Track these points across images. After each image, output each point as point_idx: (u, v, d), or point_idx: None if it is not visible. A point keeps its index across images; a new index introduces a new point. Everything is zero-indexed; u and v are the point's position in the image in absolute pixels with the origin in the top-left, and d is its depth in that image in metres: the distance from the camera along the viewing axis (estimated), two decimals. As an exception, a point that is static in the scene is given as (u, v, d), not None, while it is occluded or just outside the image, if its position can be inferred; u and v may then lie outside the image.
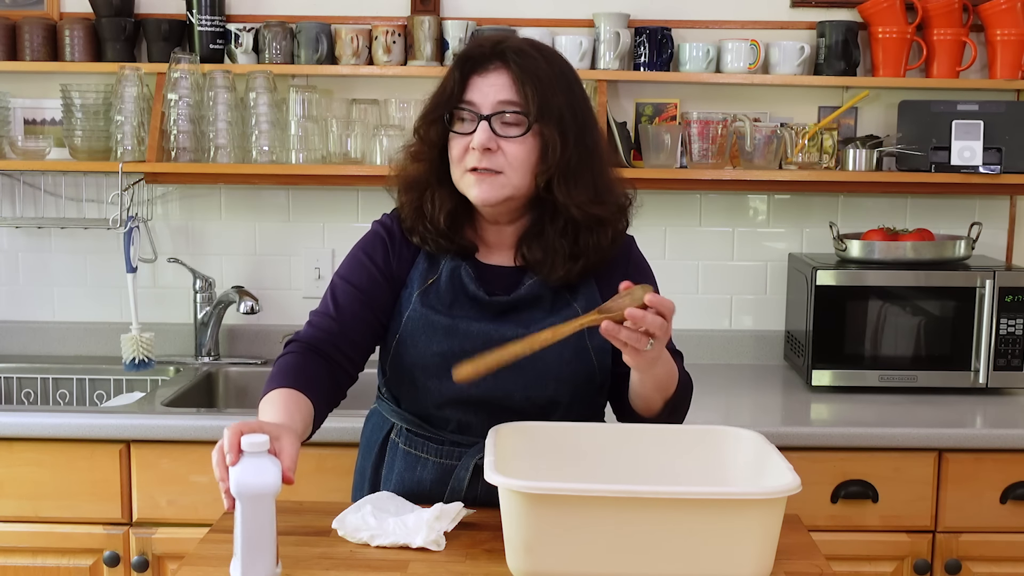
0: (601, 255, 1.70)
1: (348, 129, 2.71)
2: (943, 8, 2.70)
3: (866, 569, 2.29)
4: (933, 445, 2.27)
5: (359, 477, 1.84)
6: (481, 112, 1.64)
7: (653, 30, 2.71)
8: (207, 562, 1.49)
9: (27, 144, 2.77)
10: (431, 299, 1.71)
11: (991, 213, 2.87)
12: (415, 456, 1.74)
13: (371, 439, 1.82)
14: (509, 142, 1.63)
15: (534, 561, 1.39)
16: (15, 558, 2.30)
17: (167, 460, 2.28)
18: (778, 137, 2.68)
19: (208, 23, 2.71)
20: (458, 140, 1.66)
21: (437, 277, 1.72)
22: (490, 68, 1.65)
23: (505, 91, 1.64)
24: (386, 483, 1.76)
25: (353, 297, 1.72)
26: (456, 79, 1.66)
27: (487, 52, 1.66)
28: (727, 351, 2.90)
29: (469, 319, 1.69)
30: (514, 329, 1.66)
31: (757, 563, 1.39)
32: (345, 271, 1.76)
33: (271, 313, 2.86)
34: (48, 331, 2.90)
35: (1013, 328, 2.53)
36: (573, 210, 1.66)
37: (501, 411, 1.65)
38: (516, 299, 1.70)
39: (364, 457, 1.84)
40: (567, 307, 1.71)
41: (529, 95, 1.62)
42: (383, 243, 1.77)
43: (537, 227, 1.70)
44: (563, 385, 1.69)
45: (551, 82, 1.65)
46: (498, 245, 1.75)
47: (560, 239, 1.68)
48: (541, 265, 1.69)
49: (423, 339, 1.69)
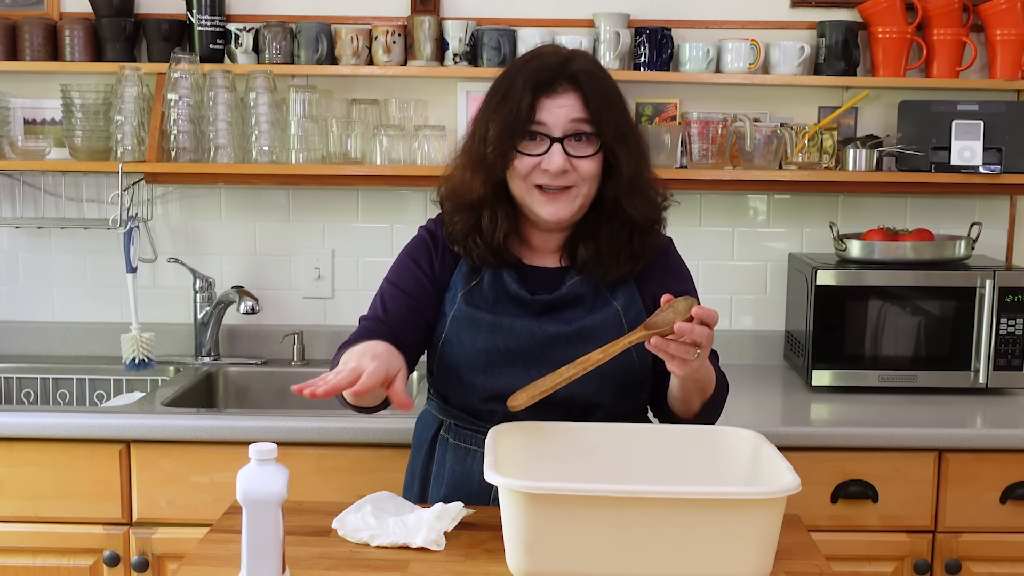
0: (653, 253, 1.77)
1: (348, 129, 2.71)
2: (943, 8, 2.70)
3: (866, 569, 2.30)
4: (933, 445, 2.27)
5: (409, 475, 1.89)
6: (552, 134, 1.66)
7: (653, 30, 2.71)
8: (207, 562, 1.49)
9: (27, 144, 2.77)
10: (475, 299, 1.75)
11: (991, 213, 2.87)
12: (465, 449, 1.77)
13: (421, 438, 1.86)
14: (581, 161, 1.67)
15: (534, 561, 1.39)
16: (15, 558, 2.31)
17: (167, 460, 2.28)
18: (778, 137, 2.68)
19: (208, 23, 2.71)
20: (526, 160, 1.67)
21: (480, 279, 1.76)
22: (559, 90, 1.67)
23: (576, 112, 1.66)
24: (437, 478, 1.80)
25: (401, 301, 1.77)
26: (527, 102, 1.66)
27: (558, 75, 1.67)
28: (727, 351, 2.89)
29: (513, 316, 1.73)
30: (556, 326, 1.71)
31: (757, 563, 1.39)
32: (393, 276, 1.81)
33: (271, 313, 2.86)
34: (48, 331, 2.90)
35: (1013, 328, 2.53)
36: (636, 216, 1.71)
37: (546, 406, 1.65)
38: (558, 297, 1.74)
39: (415, 456, 1.88)
40: (607, 306, 1.74)
41: (602, 117, 1.67)
42: (428, 249, 1.80)
43: (591, 229, 1.74)
44: (605, 382, 1.71)
45: (615, 100, 1.71)
46: (543, 248, 1.79)
47: (616, 242, 1.73)
48: (595, 266, 1.74)
49: (468, 337, 1.73)
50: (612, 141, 1.67)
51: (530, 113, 1.66)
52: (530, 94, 1.66)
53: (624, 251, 1.73)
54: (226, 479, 2.22)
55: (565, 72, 1.67)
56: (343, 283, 2.90)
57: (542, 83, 1.66)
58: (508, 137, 1.67)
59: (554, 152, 1.65)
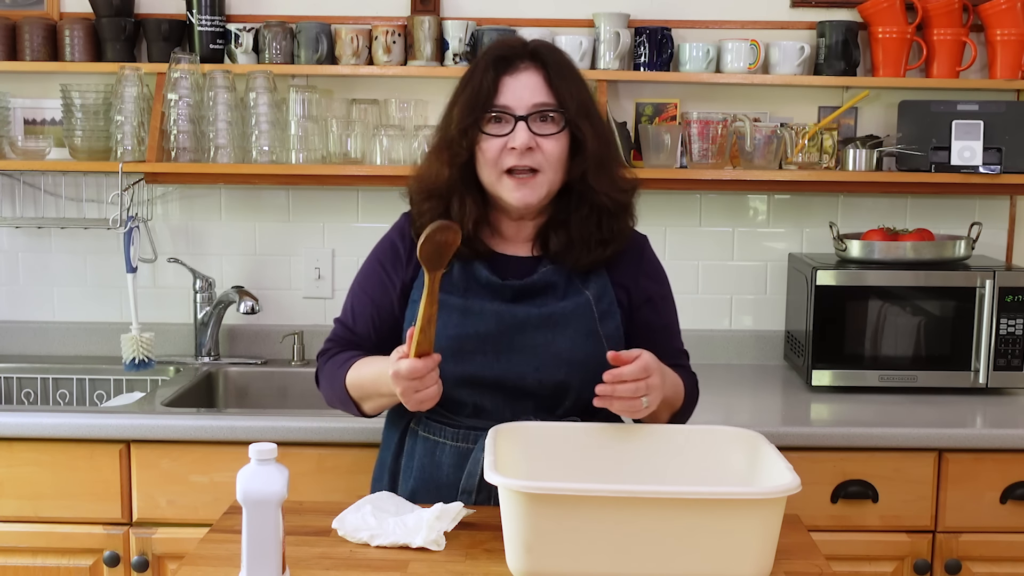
0: (623, 239, 1.77)
1: (348, 129, 2.71)
2: (943, 8, 2.70)
3: (866, 569, 2.29)
4: (933, 445, 2.27)
5: (379, 470, 1.88)
6: (516, 113, 1.67)
7: (653, 30, 2.71)
8: (207, 562, 1.49)
9: (27, 144, 2.77)
10: (445, 285, 1.73)
11: (991, 213, 2.87)
12: (434, 441, 1.76)
13: (391, 430, 1.86)
14: (546, 139, 1.68)
15: (534, 561, 1.39)
16: (15, 558, 2.30)
17: (167, 460, 2.28)
18: (778, 137, 2.68)
19: (208, 23, 2.71)
20: (493, 141, 1.68)
21: (451, 267, 1.75)
22: (521, 68, 1.69)
23: (540, 91, 1.68)
24: (406, 470, 1.79)
25: (367, 306, 1.81)
26: (490, 79, 1.68)
27: (518, 52, 1.70)
28: (727, 351, 2.90)
29: (483, 301, 1.73)
30: (526, 310, 1.71)
31: (757, 563, 1.39)
32: (362, 279, 1.84)
33: (271, 313, 2.86)
34: (48, 331, 2.90)
35: (1013, 328, 2.53)
36: (603, 198, 1.72)
37: (514, 393, 1.67)
38: (529, 284, 1.74)
39: (385, 450, 1.87)
40: (579, 294, 1.74)
41: (565, 93, 1.68)
42: (397, 252, 1.81)
43: (562, 216, 1.74)
44: (575, 369, 1.71)
45: (577, 78, 1.72)
46: (515, 238, 1.79)
47: (585, 227, 1.73)
48: (567, 253, 1.74)
49: (438, 322, 1.71)
50: (576, 116, 1.68)
51: (492, 90, 1.68)
52: (492, 71, 1.68)
53: (594, 236, 1.73)
54: (226, 479, 2.22)
55: (526, 50, 1.70)
56: (343, 283, 2.88)
57: (503, 59, 1.69)
58: (470, 113, 1.68)
59: (519, 129, 1.66)
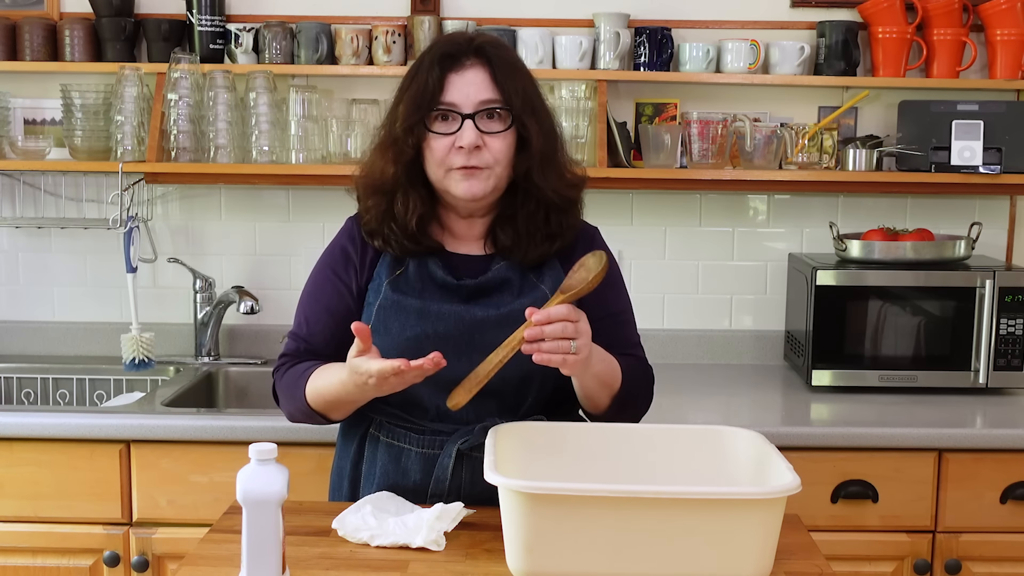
0: (572, 234, 1.76)
1: (348, 129, 2.71)
2: (943, 8, 2.70)
3: (866, 569, 2.30)
4: (933, 445, 2.27)
5: (336, 477, 1.83)
6: (463, 111, 1.66)
7: (653, 30, 2.71)
8: (207, 562, 1.49)
9: (27, 144, 2.77)
10: (401, 286, 1.73)
11: (991, 213, 2.87)
12: (398, 448, 1.73)
13: (348, 437, 1.82)
14: (493, 137, 1.67)
15: (534, 561, 1.39)
16: (15, 558, 2.31)
17: (167, 460, 2.28)
18: (778, 137, 2.68)
19: (208, 23, 2.71)
20: (440, 140, 1.67)
21: (405, 268, 1.74)
22: (467, 64, 1.68)
23: (486, 88, 1.67)
24: (368, 478, 1.76)
25: (323, 316, 1.78)
26: (436, 76, 1.67)
27: (464, 48, 1.68)
28: (727, 351, 2.90)
29: (440, 302, 1.71)
30: (484, 310, 1.70)
31: (757, 563, 1.39)
32: (314, 289, 1.81)
33: (271, 313, 2.86)
34: (48, 331, 2.90)
35: (1013, 328, 2.53)
36: (550, 194, 1.71)
37: (477, 393, 1.62)
38: (484, 282, 1.73)
39: (341, 456, 1.83)
40: (535, 289, 1.73)
41: (511, 89, 1.67)
42: (348, 257, 1.78)
43: (508, 213, 1.74)
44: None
45: (523, 74, 1.71)
46: (467, 236, 1.78)
47: (533, 222, 1.72)
48: (515, 249, 1.73)
49: (396, 325, 1.71)
50: (521, 111, 1.67)
51: (438, 88, 1.66)
52: (437, 69, 1.67)
53: (540, 231, 1.72)
54: (226, 479, 2.22)
55: (471, 46, 1.69)
56: (343, 283, 2.90)
57: (448, 56, 1.68)
58: (416, 111, 1.67)
59: (466, 128, 1.65)
